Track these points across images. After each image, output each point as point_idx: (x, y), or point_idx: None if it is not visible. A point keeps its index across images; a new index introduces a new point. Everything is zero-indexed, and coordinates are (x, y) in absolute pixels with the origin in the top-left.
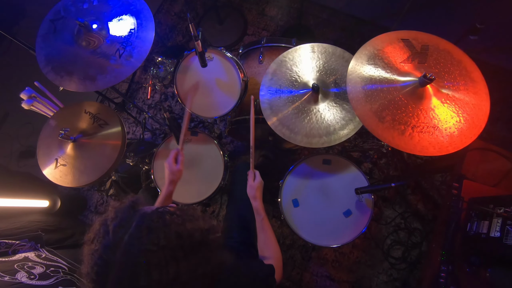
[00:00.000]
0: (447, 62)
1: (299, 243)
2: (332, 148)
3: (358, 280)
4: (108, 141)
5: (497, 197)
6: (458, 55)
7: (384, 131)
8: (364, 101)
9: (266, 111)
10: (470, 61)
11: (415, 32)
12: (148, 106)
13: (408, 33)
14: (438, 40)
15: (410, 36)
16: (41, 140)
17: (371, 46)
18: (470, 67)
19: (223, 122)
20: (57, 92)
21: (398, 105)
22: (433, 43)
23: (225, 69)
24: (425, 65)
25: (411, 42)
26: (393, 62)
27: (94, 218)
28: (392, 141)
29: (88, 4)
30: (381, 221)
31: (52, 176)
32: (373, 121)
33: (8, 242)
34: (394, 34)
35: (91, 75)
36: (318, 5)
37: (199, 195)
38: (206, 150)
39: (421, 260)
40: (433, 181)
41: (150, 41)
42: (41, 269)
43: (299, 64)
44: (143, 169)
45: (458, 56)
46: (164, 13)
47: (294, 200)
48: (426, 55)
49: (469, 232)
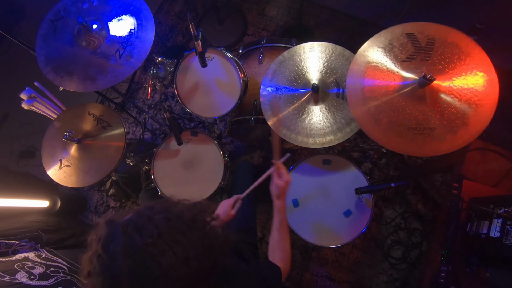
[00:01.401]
0: (453, 57)
1: (299, 243)
2: (332, 148)
3: (358, 280)
4: (111, 142)
5: (497, 197)
6: (467, 47)
7: (381, 134)
8: (362, 103)
9: (266, 111)
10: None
11: (423, 23)
12: (148, 106)
13: (415, 26)
14: (447, 31)
15: (416, 30)
16: (45, 141)
17: (374, 42)
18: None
19: (223, 122)
20: (57, 92)
21: (396, 106)
22: (441, 35)
23: (225, 69)
24: (428, 62)
25: (416, 37)
26: (395, 59)
27: (94, 218)
28: (388, 143)
29: (88, 4)
30: (381, 221)
31: (56, 177)
32: (369, 123)
33: (8, 242)
34: (399, 28)
35: (91, 75)
36: (318, 5)
37: (199, 195)
38: (206, 150)
39: (421, 260)
40: (433, 181)
41: (150, 41)
42: (41, 269)
43: (299, 64)
44: (143, 169)
45: (466, 48)
46: (164, 13)
47: (294, 200)
48: (432, 50)
49: (469, 232)
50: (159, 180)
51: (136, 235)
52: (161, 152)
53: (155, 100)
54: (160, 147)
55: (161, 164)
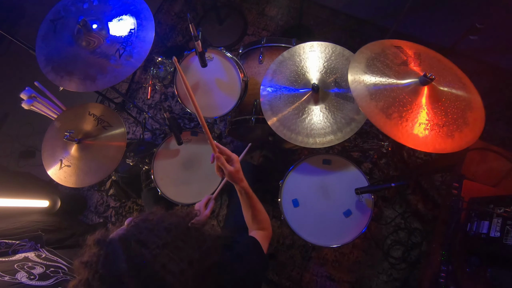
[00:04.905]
0: (440, 67)
1: (299, 243)
2: (332, 148)
3: (358, 280)
4: (112, 142)
5: (497, 197)
6: (446, 62)
7: (393, 128)
8: (369, 99)
9: (266, 111)
10: (457, 69)
11: (404, 42)
12: (148, 106)
13: (398, 43)
14: (426, 49)
15: (401, 44)
16: (45, 141)
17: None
18: (460, 73)
19: (223, 122)
20: (57, 92)
21: (403, 102)
22: (423, 51)
23: (225, 69)
24: (421, 68)
25: (404, 49)
26: (391, 65)
27: (94, 218)
28: (402, 138)
29: (88, 4)
30: (381, 221)
31: (56, 177)
32: (380, 117)
33: (8, 242)
34: (387, 42)
35: (91, 75)
36: (318, 5)
37: (199, 195)
38: (206, 150)
39: (421, 260)
40: (433, 181)
41: (150, 41)
42: (41, 269)
43: (299, 64)
44: (143, 169)
45: (447, 63)
46: (164, 13)
47: (294, 200)
48: (420, 61)
49: (469, 232)
50: (159, 180)
51: (142, 248)
52: (161, 152)
53: (155, 100)
54: (160, 147)
55: (161, 164)
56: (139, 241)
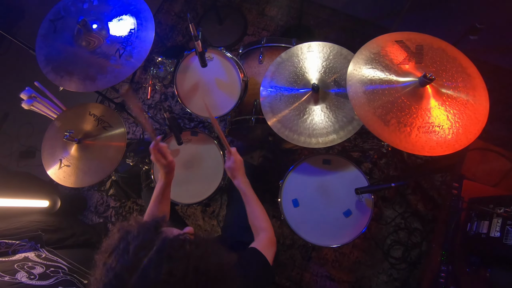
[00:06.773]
0: (443, 60)
1: (299, 243)
2: (332, 148)
3: (358, 280)
4: (112, 143)
5: (497, 197)
6: (452, 52)
7: (391, 134)
8: (366, 105)
9: (266, 111)
10: (464, 58)
11: (408, 33)
12: (148, 106)
13: (401, 35)
14: (431, 39)
15: (404, 37)
16: (45, 140)
17: (367, 49)
18: (466, 63)
19: (223, 122)
20: (57, 92)
21: (401, 106)
22: (427, 42)
23: (225, 69)
24: (422, 65)
25: (406, 43)
26: (391, 64)
27: (94, 218)
28: (400, 144)
29: (88, 4)
30: (381, 221)
31: (56, 177)
32: (378, 125)
33: (8, 242)
34: (388, 36)
35: (91, 75)
36: (318, 5)
37: (199, 195)
38: (206, 150)
39: (421, 260)
40: (433, 181)
41: (150, 41)
42: (41, 269)
43: (298, 64)
44: (143, 169)
45: (452, 53)
46: (164, 13)
47: (294, 200)
48: (422, 55)
49: (469, 232)
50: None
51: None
52: None
53: (155, 100)
54: None
55: None
56: (168, 256)
